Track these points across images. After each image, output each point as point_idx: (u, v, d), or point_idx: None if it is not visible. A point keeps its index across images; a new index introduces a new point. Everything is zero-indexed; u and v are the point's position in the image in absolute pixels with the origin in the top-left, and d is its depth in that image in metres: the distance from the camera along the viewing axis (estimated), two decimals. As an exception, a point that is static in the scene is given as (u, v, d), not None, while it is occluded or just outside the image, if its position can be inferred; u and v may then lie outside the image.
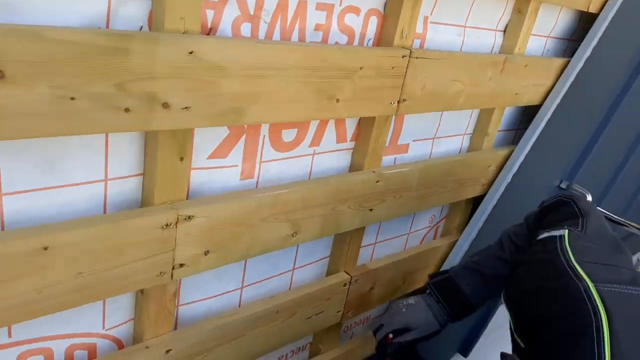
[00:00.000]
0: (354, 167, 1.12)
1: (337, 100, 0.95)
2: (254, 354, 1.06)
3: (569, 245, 0.91)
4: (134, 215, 0.77)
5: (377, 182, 1.12)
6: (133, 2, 0.71)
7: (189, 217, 0.82)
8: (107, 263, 0.75)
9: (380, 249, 1.34)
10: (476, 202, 1.48)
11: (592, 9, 1.45)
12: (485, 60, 1.23)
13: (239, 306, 1.05)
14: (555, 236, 0.95)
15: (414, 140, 1.27)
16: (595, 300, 0.77)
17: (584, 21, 1.56)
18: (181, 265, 0.85)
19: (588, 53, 1.48)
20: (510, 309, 0.94)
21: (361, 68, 0.96)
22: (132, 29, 0.72)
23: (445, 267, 1.46)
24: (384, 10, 1.03)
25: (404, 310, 1.18)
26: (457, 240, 1.46)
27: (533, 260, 0.94)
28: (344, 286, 1.17)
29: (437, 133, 1.34)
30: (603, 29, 1.48)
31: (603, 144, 1.84)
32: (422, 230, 1.47)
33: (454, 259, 1.43)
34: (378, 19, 1.04)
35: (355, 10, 1.00)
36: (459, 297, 1.16)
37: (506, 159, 1.48)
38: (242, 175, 0.94)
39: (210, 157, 0.89)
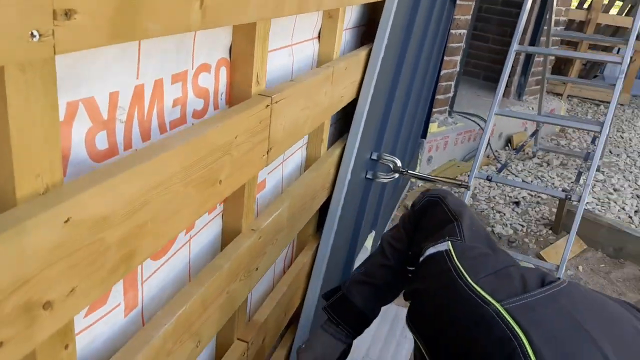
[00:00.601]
0: (230, 232, 0.99)
1: (220, 182, 0.79)
2: None
3: (459, 263, 0.95)
4: None
5: (259, 239, 1.01)
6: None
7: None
8: None
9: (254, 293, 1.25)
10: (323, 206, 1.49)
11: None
12: (321, 79, 1.18)
13: None
14: (442, 252, 1.00)
15: (268, 173, 1.18)
16: (509, 323, 0.82)
17: (370, 7, 1.63)
18: None
19: (385, 41, 1.56)
20: (421, 340, 0.97)
21: (236, 137, 0.81)
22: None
23: (313, 278, 1.45)
24: (231, 57, 0.88)
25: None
26: (317, 248, 1.45)
27: (430, 289, 0.96)
28: (243, 355, 1.07)
29: (284, 156, 1.26)
30: (392, 14, 1.56)
31: (393, 113, 2.03)
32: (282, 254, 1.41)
33: (321, 269, 1.43)
34: (227, 68, 0.89)
35: (206, 67, 0.82)
36: (355, 314, 1.17)
37: (341, 156, 1.50)
38: (125, 311, 0.73)
39: (87, 314, 0.66)
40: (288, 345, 1.42)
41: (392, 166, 1.86)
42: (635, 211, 3.18)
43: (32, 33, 0.42)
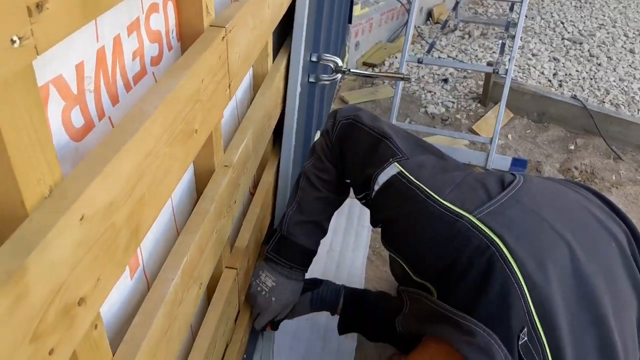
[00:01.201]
0: (203, 172, 0.97)
1: (196, 132, 0.77)
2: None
3: (420, 183, 0.99)
4: None
5: (233, 173, 1.01)
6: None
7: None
8: None
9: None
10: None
11: None
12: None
13: None
14: (395, 176, 1.02)
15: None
16: (483, 231, 0.89)
17: None
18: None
19: None
20: (401, 258, 1.01)
21: (202, 81, 0.77)
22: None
23: (279, 193, 1.48)
24: (177, -11, 0.81)
25: (273, 299, 1.22)
26: (278, 164, 1.47)
27: (401, 215, 0.99)
28: (234, 281, 1.12)
29: (235, 79, 1.22)
30: None
31: (325, 7, 1.96)
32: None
33: (286, 183, 1.46)
34: (173, 3, 0.81)
35: (155, 7, 0.75)
36: (304, 253, 1.23)
37: (287, 67, 1.46)
38: (131, 274, 0.74)
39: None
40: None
41: (333, 66, 1.84)
42: (554, 74, 3.39)
43: (12, 39, 0.37)
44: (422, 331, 0.96)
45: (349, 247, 2.21)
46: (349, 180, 1.19)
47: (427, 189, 0.98)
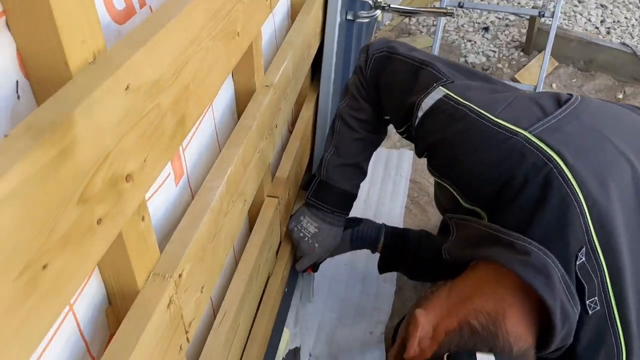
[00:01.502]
0: (243, 91, 0.94)
1: (238, 35, 0.73)
2: (249, 326, 0.99)
3: (469, 103, 0.94)
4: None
5: (274, 94, 0.97)
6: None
7: (180, 276, 0.62)
8: None
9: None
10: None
11: None
12: None
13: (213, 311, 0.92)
14: (441, 99, 0.95)
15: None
16: (540, 147, 0.83)
17: None
18: (190, 324, 0.67)
19: None
20: (450, 184, 0.95)
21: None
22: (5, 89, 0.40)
23: (318, 130, 1.44)
24: None
25: (316, 245, 1.20)
26: (317, 99, 1.43)
27: (449, 138, 0.93)
28: (277, 210, 1.10)
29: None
30: None
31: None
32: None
33: (326, 120, 1.42)
34: None
35: None
36: (342, 196, 1.19)
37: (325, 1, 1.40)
38: (176, 180, 0.72)
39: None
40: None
41: (371, 2, 1.76)
42: (601, 21, 3.20)
43: None
44: (471, 256, 0.92)
45: (387, 196, 2.17)
46: (387, 117, 1.14)
47: (477, 108, 0.92)
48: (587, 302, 0.81)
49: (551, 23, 2.32)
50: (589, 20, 3.22)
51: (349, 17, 1.79)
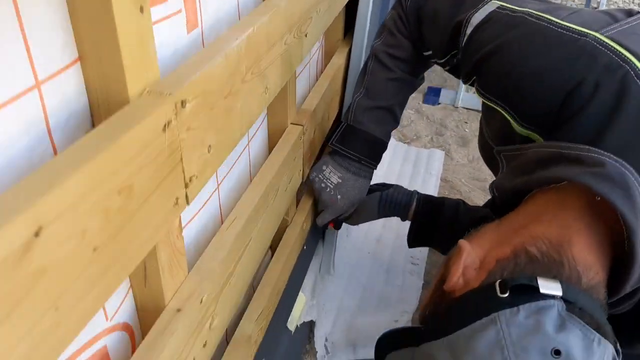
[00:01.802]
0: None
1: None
2: (262, 249, 0.85)
3: (529, 9, 0.83)
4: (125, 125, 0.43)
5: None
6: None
7: (182, 104, 0.51)
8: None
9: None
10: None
11: None
12: None
13: (220, 210, 0.79)
14: (494, 11, 0.86)
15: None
16: (614, 48, 0.73)
17: None
18: (191, 179, 0.55)
19: None
20: (504, 104, 0.83)
21: None
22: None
23: (349, 81, 1.33)
24: None
25: (338, 196, 1.08)
26: (349, 52, 1.33)
27: (506, 46, 0.82)
28: (300, 139, 0.98)
29: None
30: None
31: None
32: (314, 56, 1.29)
33: (357, 71, 1.31)
34: None
35: None
36: (371, 142, 1.08)
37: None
38: (188, 25, 0.61)
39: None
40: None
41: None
42: None
43: None
44: (526, 183, 0.78)
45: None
46: (428, 52, 1.03)
47: (540, 13, 0.81)
48: None
49: None
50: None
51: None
